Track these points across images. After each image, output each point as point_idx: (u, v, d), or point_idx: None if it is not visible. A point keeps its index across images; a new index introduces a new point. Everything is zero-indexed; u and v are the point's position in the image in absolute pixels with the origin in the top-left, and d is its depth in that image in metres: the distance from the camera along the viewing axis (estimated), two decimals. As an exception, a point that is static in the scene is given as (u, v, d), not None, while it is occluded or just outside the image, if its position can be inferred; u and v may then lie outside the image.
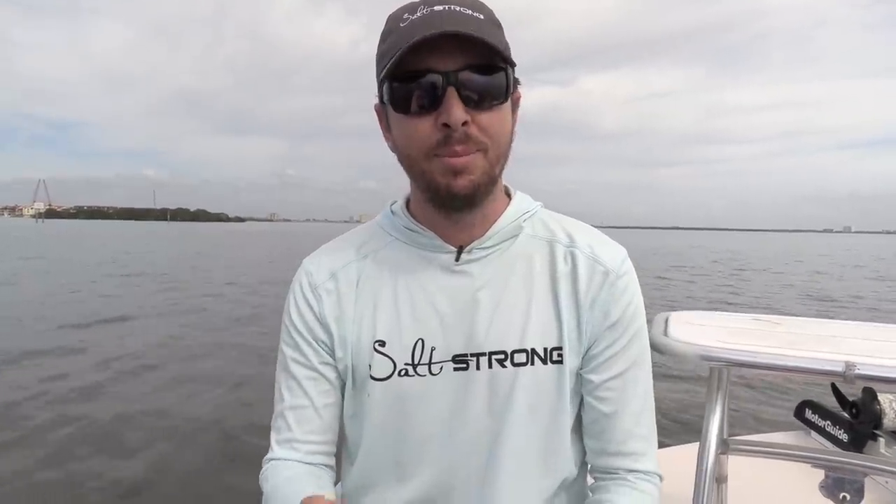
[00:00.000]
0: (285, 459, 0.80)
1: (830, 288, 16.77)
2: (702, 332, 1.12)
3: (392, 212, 0.84)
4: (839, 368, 0.91)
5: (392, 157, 0.77)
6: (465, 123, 0.66)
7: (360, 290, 0.80)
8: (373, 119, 0.78)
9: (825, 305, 12.64)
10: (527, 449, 0.78)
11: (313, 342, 0.80)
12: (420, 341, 0.76)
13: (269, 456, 0.81)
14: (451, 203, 0.72)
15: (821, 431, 2.02)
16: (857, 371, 0.90)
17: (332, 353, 0.80)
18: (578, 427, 0.83)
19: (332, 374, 0.81)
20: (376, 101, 0.75)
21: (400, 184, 0.80)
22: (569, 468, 0.81)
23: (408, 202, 0.83)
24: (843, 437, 1.89)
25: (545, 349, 0.76)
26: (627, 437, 0.78)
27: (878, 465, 1.12)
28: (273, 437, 0.81)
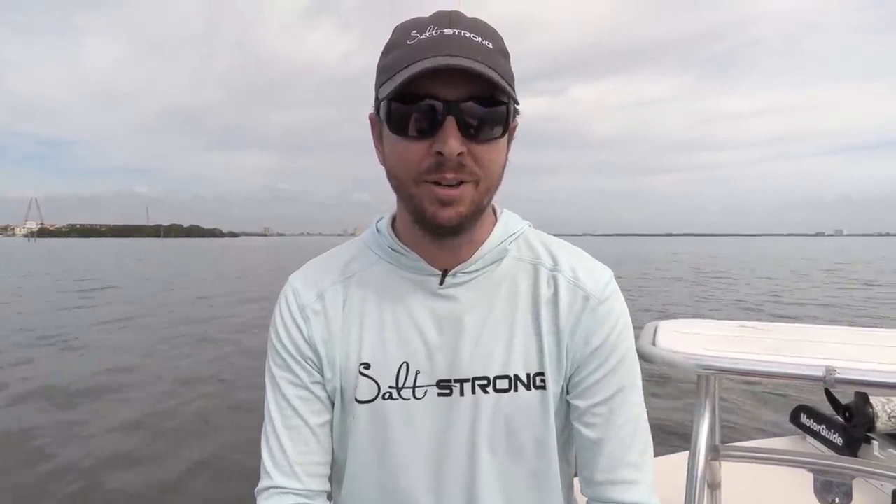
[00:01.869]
0: (284, 489, 0.77)
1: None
2: (689, 340, 1.13)
3: (378, 230, 0.82)
4: (819, 373, 0.92)
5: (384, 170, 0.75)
6: (459, 154, 0.65)
7: (347, 312, 0.79)
8: (366, 132, 0.77)
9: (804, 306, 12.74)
10: (512, 476, 0.77)
11: (303, 361, 0.79)
12: (405, 364, 0.76)
13: (265, 484, 0.78)
14: (436, 231, 0.71)
15: (816, 436, 2.03)
16: (836, 375, 0.91)
17: (321, 373, 0.79)
18: (565, 453, 0.82)
19: (322, 394, 0.79)
20: (371, 110, 0.74)
21: (392, 198, 0.78)
22: (556, 495, 0.80)
23: (394, 219, 0.82)
24: (838, 440, 1.90)
25: (528, 375, 0.75)
26: (617, 464, 0.76)
27: (868, 468, 1.13)
28: (267, 460, 0.79)
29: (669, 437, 4.11)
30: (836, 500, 1.05)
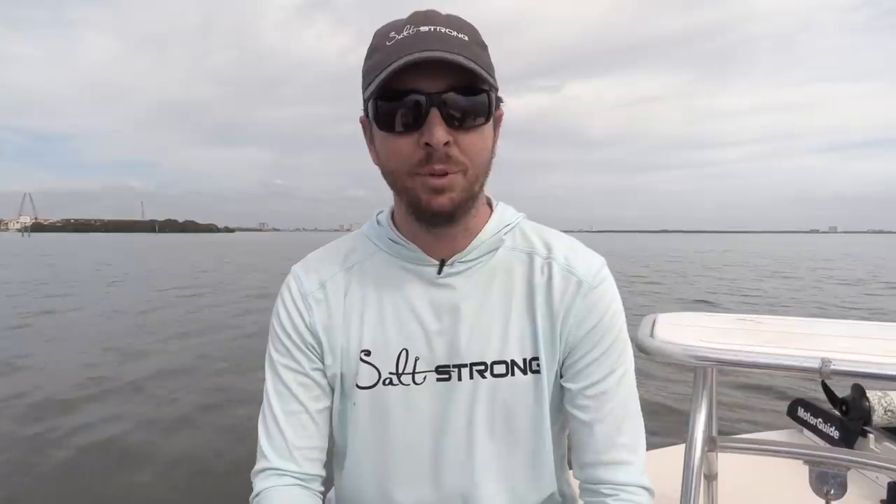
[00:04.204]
0: (281, 471, 0.79)
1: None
2: (686, 332, 1.14)
3: (378, 222, 0.85)
4: (815, 365, 0.94)
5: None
6: (446, 143, 0.68)
7: (348, 301, 0.82)
8: (360, 128, 0.79)
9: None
10: (508, 458, 0.79)
11: (304, 348, 0.81)
12: (404, 351, 0.78)
13: (262, 466, 0.80)
14: (432, 219, 0.74)
15: (813, 429, 2.04)
16: (832, 367, 0.92)
17: (321, 360, 0.81)
18: (559, 436, 0.85)
19: (322, 380, 0.82)
20: (362, 114, 0.76)
21: (388, 193, 0.81)
22: (552, 476, 0.83)
23: (393, 213, 0.85)
24: (835, 434, 1.91)
25: (524, 360, 0.78)
26: (609, 446, 0.78)
27: (863, 460, 1.14)
28: (264, 443, 0.81)
29: (667, 429, 4.14)
30: (831, 491, 1.07)
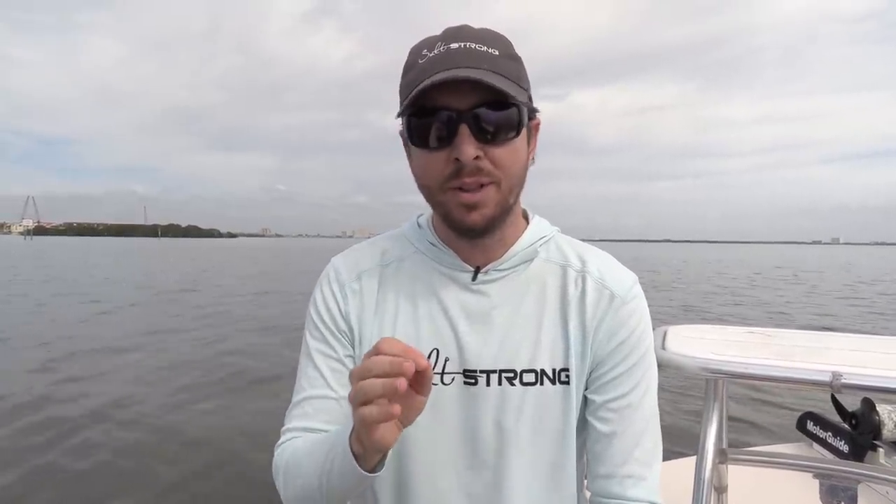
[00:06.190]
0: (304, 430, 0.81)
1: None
2: (698, 344, 1.14)
3: (419, 225, 0.87)
4: (826, 378, 0.94)
5: (385, 172, 0.81)
6: (476, 158, 0.69)
7: (382, 297, 0.84)
8: (366, 134, 0.83)
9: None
10: (533, 467, 0.79)
11: (339, 334, 0.83)
12: (435, 351, 0.79)
13: (280, 441, 0.82)
14: (467, 234, 0.76)
15: (822, 443, 2.03)
16: (843, 381, 0.93)
17: (353, 347, 0.83)
18: (581, 448, 0.84)
19: (353, 367, 0.82)
20: (401, 127, 0.78)
21: (391, 199, 0.87)
22: (571, 488, 0.82)
23: (433, 217, 0.86)
24: (844, 448, 1.90)
25: (554, 370, 0.79)
26: (625, 459, 0.79)
27: (873, 474, 1.13)
28: (287, 423, 0.82)
29: (677, 441, 4.11)
30: None
